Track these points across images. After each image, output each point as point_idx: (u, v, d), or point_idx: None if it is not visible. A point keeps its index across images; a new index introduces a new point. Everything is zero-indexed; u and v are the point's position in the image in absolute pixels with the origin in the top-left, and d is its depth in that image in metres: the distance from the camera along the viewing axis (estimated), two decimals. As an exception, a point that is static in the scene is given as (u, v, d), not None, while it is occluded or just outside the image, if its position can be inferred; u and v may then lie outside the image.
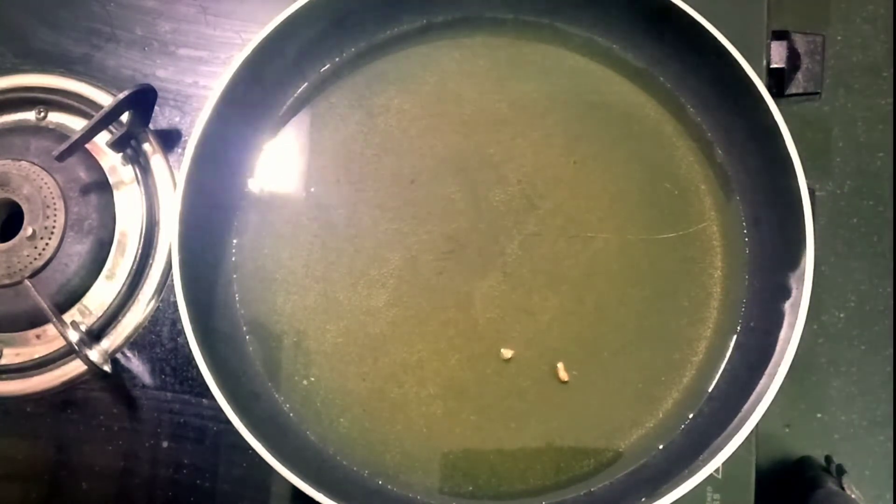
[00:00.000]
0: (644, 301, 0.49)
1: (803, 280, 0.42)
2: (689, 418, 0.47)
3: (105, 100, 0.53)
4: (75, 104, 0.55)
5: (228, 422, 0.41)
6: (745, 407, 0.42)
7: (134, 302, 0.52)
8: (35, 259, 0.50)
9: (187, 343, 0.43)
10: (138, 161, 0.54)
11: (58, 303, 0.50)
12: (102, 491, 0.50)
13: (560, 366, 0.47)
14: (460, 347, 0.48)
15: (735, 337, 0.48)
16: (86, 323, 0.51)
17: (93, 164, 0.53)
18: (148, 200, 0.53)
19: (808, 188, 0.43)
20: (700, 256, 0.49)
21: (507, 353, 0.47)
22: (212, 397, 0.42)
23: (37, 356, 0.51)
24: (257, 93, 0.49)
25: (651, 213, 0.50)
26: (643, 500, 0.41)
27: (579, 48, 0.52)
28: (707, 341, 0.48)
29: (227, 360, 0.46)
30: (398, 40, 0.53)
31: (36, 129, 0.54)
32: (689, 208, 0.50)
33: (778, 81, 0.45)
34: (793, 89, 0.46)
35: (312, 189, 0.51)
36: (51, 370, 0.51)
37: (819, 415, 0.50)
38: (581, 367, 0.48)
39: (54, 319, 0.48)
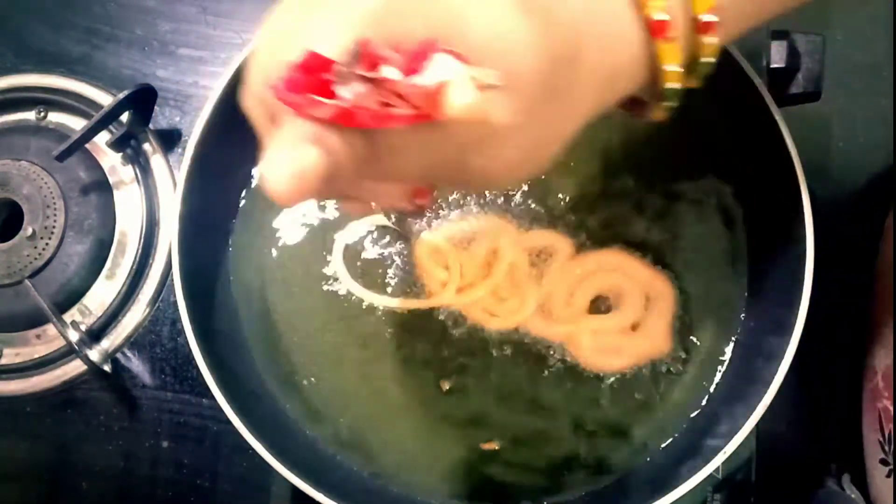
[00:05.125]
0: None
1: (803, 280, 0.42)
2: (689, 418, 0.47)
3: (105, 100, 0.54)
4: (75, 104, 0.55)
5: (228, 422, 0.41)
6: (745, 407, 0.42)
7: (134, 302, 0.52)
8: (35, 259, 0.50)
9: (187, 343, 0.43)
10: (138, 161, 0.54)
11: (58, 303, 0.50)
12: (102, 491, 0.50)
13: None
14: (461, 346, 0.48)
15: (735, 337, 0.48)
16: (86, 323, 0.51)
17: (93, 164, 0.53)
18: (148, 200, 0.53)
19: (808, 188, 0.43)
20: (700, 257, 0.49)
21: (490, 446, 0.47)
22: (212, 397, 0.42)
23: (37, 356, 0.51)
24: (257, 93, 0.49)
25: (651, 214, 0.50)
26: (643, 500, 0.41)
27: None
28: (707, 341, 0.48)
29: (227, 360, 0.46)
30: (398, 40, 0.53)
31: (36, 129, 0.54)
32: (688, 209, 0.50)
33: (778, 81, 0.45)
34: (793, 89, 0.45)
35: (312, 189, 0.51)
36: (51, 370, 0.51)
37: (819, 415, 0.50)
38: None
39: (54, 319, 0.48)
